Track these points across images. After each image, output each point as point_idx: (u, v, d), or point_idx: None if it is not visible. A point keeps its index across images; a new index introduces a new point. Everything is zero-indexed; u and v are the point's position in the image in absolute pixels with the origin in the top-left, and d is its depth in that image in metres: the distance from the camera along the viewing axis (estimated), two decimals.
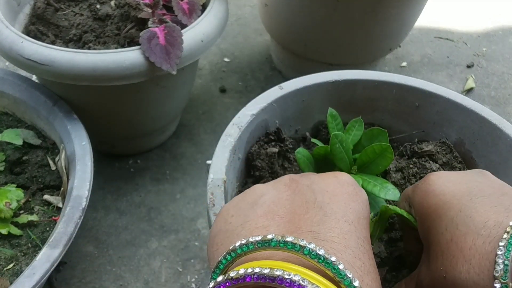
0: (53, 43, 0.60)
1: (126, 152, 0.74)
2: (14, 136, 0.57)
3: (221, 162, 0.42)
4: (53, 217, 0.52)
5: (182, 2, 0.60)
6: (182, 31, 0.56)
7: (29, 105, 0.58)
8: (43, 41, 0.59)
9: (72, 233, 0.46)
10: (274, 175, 0.46)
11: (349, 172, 0.44)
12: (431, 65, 0.97)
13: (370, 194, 0.43)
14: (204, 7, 0.63)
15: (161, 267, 0.61)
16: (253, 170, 0.46)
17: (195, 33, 0.57)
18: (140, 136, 0.71)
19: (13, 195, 0.52)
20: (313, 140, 0.49)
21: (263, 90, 0.50)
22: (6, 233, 0.49)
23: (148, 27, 0.56)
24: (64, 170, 0.54)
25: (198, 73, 0.91)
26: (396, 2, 0.68)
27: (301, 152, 0.45)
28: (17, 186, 0.54)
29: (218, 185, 0.40)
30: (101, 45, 0.60)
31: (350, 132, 0.48)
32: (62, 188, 0.54)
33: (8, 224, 0.50)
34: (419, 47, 1.02)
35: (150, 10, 0.58)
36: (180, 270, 0.61)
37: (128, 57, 0.53)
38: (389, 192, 0.41)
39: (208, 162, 0.42)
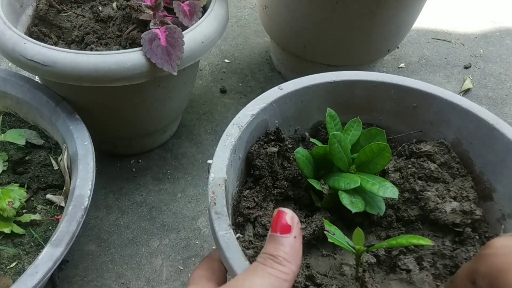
0: (55, 44, 0.61)
1: (128, 152, 0.75)
2: (17, 136, 0.58)
3: (221, 161, 0.42)
4: (55, 216, 0.53)
5: (183, 4, 0.61)
6: (183, 32, 0.56)
7: (32, 106, 0.59)
8: (45, 42, 0.60)
9: (75, 232, 0.46)
10: (273, 174, 0.47)
11: (348, 171, 0.45)
12: (429, 66, 0.98)
13: (368, 193, 0.44)
14: (204, 9, 0.64)
15: (162, 266, 0.62)
16: (253, 169, 0.47)
17: (196, 34, 0.58)
18: (142, 136, 0.72)
19: (16, 194, 0.52)
20: (312, 140, 0.50)
21: (263, 90, 0.51)
22: (9, 232, 0.49)
23: (150, 29, 0.56)
24: (67, 170, 0.55)
25: (199, 74, 0.91)
26: (394, 4, 0.69)
27: (300, 152, 0.45)
28: (20, 186, 0.54)
29: (219, 184, 0.40)
30: (103, 47, 0.60)
31: (348, 132, 0.48)
32: (64, 188, 0.54)
33: (11, 223, 0.51)
34: (417, 48, 1.03)
35: (151, 12, 0.58)
36: (181, 268, 0.62)
37: (129, 58, 0.53)
38: (388, 190, 0.41)
39: (209, 161, 0.43)
